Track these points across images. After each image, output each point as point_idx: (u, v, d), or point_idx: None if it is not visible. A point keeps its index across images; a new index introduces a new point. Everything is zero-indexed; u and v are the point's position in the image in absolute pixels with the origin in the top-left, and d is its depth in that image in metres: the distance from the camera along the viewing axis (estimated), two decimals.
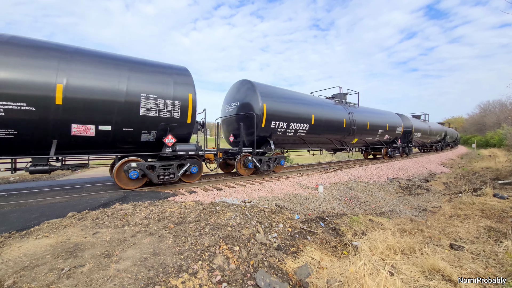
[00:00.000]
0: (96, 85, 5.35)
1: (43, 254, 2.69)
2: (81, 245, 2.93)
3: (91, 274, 2.34)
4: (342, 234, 4.65)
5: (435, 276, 3.16)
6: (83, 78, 5.22)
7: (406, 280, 3.06)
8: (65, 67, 5.07)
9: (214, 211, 4.38)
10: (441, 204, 7.06)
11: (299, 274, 3.02)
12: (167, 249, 2.96)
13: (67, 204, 4.70)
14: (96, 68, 5.45)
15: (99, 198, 5.22)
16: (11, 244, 2.93)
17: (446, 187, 9.92)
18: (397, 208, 6.64)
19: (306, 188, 7.19)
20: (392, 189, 8.79)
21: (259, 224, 4.11)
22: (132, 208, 4.36)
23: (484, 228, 4.83)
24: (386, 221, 5.41)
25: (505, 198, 6.58)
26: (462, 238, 4.53)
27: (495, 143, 32.78)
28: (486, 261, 3.63)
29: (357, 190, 7.69)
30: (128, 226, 3.56)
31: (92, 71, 5.37)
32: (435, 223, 5.39)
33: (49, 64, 4.93)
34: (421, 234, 4.63)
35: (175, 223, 3.73)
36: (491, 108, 54.21)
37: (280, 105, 9.06)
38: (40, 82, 4.79)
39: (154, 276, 2.41)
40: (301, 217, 5.01)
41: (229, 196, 5.89)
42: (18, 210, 4.33)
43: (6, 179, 8.71)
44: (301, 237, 4.17)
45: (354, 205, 6.49)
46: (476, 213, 5.76)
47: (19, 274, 2.31)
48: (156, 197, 5.52)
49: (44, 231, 3.33)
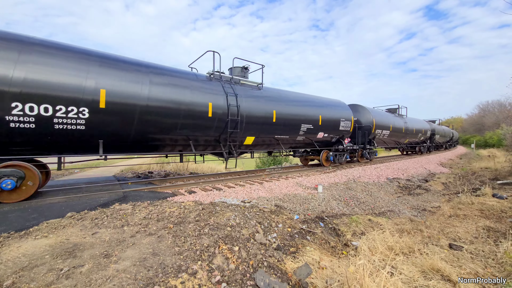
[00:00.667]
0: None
1: (42, 254, 2.68)
2: (80, 245, 2.92)
3: (90, 274, 2.34)
4: (342, 234, 4.65)
5: (435, 276, 3.17)
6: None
7: (405, 280, 3.06)
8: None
9: (213, 211, 4.38)
10: (440, 204, 7.07)
11: (299, 274, 3.02)
12: (167, 249, 2.96)
13: (66, 204, 4.69)
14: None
15: (98, 198, 5.21)
16: (10, 244, 2.92)
17: (445, 187, 9.94)
18: (396, 208, 6.65)
19: (305, 188, 7.19)
20: (392, 189, 8.81)
21: (258, 224, 4.11)
22: (132, 208, 4.35)
23: (483, 228, 4.85)
24: (385, 221, 5.41)
25: (504, 198, 6.60)
26: (461, 238, 4.54)
27: (494, 143, 32.86)
28: (485, 261, 3.64)
29: (357, 190, 7.70)
30: (128, 226, 3.55)
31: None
32: (434, 223, 5.40)
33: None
34: (421, 234, 4.64)
35: (174, 223, 3.73)
36: (490, 109, 54.34)
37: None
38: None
39: (153, 276, 2.41)
40: (301, 217, 5.01)
41: (229, 196, 5.89)
42: (17, 210, 4.32)
43: None
44: (300, 237, 4.17)
45: (354, 205, 6.50)
46: (475, 213, 5.77)
47: (18, 275, 2.30)
48: (155, 197, 5.51)
49: (43, 231, 3.32)
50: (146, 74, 6.11)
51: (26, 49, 4.70)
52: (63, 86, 4.91)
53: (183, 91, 6.62)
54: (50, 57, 4.93)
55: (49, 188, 6.35)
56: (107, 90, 5.39)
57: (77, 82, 5.08)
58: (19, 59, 4.55)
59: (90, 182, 7.49)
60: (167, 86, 6.34)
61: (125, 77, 5.74)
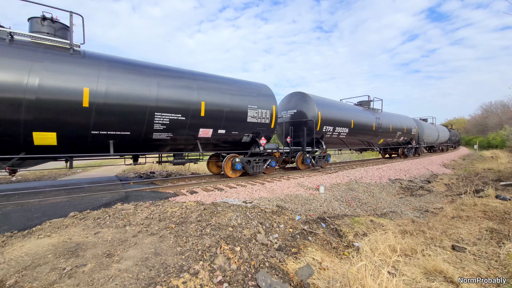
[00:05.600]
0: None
1: (45, 254, 2.70)
2: (82, 245, 2.93)
3: (92, 274, 2.35)
4: (343, 235, 4.63)
5: (437, 277, 3.15)
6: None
7: (407, 282, 3.05)
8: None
9: (215, 211, 4.38)
10: (443, 205, 7.03)
11: (300, 275, 3.01)
12: (168, 249, 2.96)
13: (69, 204, 4.72)
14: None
15: (101, 198, 5.24)
16: (13, 244, 2.94)
17: (448, 188, 9.88)
18: (398, 209, 6.61)
19: (307, 189, 7.18)
20: (394, 190, 8.77)
21: (260, 225, 4.11)
22: (134, 208, 4.36)
23: (486, 230, 4.81)
24: (387, 222, 5.39)
25: (508, 200, 6.54)
26: (464, 239, 4.51)
27: (497, 144, 32.65)
28: (488, 262, 3.61)
29: (359, 191, 7.67)
30: (130, 226, 3.56)
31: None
32: (437, 224, 5.36)
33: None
34: (423, 235, 4.61)
35: (176, 223, 3.73)
36: (493, 109, 53.95)
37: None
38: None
39: (155, 276, 2.41)
40: (302, 218, 5.00)
41: (230, 196, 5.89)
42: (20, 209, 4.35)
43: (8, 179, 8.75)
44: (302, 237, 4.16)
45: (355, 206, 6.48)
46: (478, 215, 5.73)
47: (21, 274, 2.31)
48: (157, 197, 5.53)
49: (46, 231, 3.34)
50: None
51: None
52: None
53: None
54: None
55: (52, 188, 6.39)
56: None
57: None
58: None
59: (92, 182, 7.52)
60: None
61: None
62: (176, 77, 6.80)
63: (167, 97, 6.38)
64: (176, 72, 6.98)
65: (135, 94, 5.91)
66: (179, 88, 6.68)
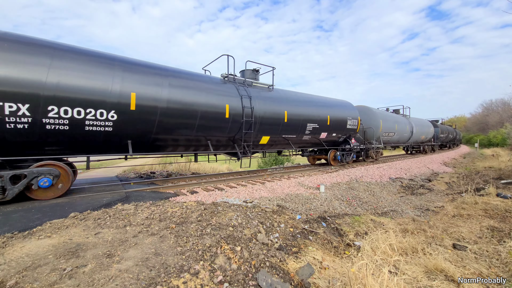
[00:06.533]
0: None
1: (45, 254, 2.70)
2: (83, 245, 2.93)
3: (93, 274, 2.35)
4: (344, 234, 4.63)
5: (438, 276, 3.14)
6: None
7: (408, 280, 3.04)
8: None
9: (215, 211, 4.38)
10: (444, 204, 7.01)
11: (301, 274, 3.01)
12: (169, 249, 2.96)
13: (69, 205, 4.72)
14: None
15: (101, 199, 5.24)
16: (14, 245, 2.94)
17: (449, 186, 9.86)
18: (399, 208, 6.60)
19: (307, 188, 7.17)
20: (394, 189, 8.75)
21: (260, 224, 4.11)
22: (134, 209, 4.36)
23: (487, 228, 4.80)
24: (388, 221, 5.38)
25: (509, 198, 6.53)
26: (465, 238, 4.50)
27: (498, 143, 32.61)
28: (489, 261, 3.61)
29: (359, 190, 7.66)
30: (130, 227, 3.56)
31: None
32: (438, 223, 5.35)
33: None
34: (424, 234, 4.60)
35: (176, 223, 3.73)
36: (494, 107, 53.87)
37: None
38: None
39: (155, 276, 2.41)
40: (303, 217, 5.00)
41: (231, 196, 5.89)
42: (21, 210, 4.35)
43: None
44: (302, 237, 4.15)
45: (356, 205, 6.47)
46: (479, 213, 5.72)
47: (22, 274, 2.31)
48: (157, 198, 5.53)
49: (46, 232, 3.34)
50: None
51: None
52: None
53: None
54: None
55: None
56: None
57: None
58: None
59: (93, 182, 7.53)
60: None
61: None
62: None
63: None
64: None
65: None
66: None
